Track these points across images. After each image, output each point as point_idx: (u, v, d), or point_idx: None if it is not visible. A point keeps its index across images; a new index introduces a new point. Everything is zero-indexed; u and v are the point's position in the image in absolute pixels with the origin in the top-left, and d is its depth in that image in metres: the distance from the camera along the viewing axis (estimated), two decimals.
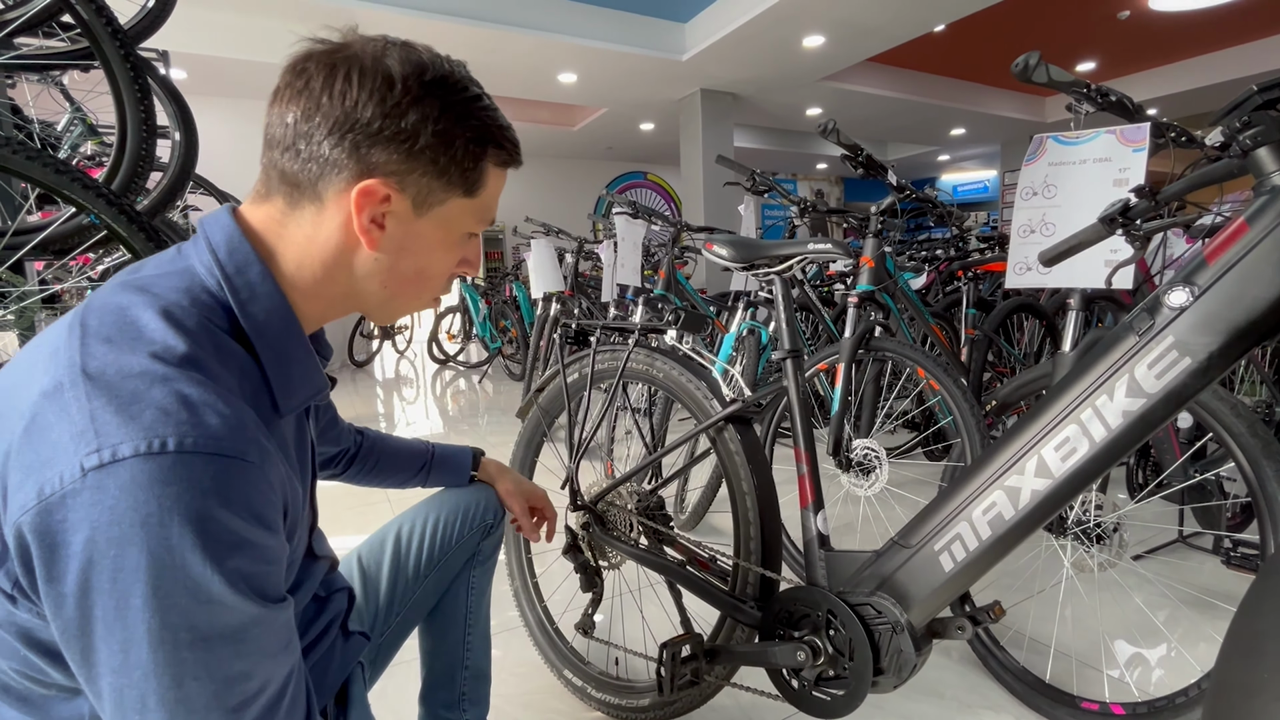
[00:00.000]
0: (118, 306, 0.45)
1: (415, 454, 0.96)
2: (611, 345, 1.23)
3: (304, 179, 0.51)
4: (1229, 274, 0.65)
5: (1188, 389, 0.67)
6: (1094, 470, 0.72)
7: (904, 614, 0.83)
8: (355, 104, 0.49)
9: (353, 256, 0.53)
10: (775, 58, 5.60)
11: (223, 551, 0.39)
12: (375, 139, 0.50)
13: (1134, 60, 7.10)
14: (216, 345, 0.46)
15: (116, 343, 0.42)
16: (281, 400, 0.50)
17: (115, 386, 0.40)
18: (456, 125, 0.52)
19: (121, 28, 1.17)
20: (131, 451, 0.38)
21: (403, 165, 0.51)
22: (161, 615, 0.38)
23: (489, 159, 0.55)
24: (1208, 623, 1.42)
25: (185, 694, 0.39)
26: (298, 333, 0.52)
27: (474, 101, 0.54)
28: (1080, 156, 1.15)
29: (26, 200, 1.29)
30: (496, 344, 5.29)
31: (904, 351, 1.52)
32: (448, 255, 0.58)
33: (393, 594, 0.87)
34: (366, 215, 0.51)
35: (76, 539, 0.37)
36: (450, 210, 0.55)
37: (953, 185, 12.97)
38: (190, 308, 0.46)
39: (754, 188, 2.16)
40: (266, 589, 0.42)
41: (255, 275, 0.50)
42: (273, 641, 0.43)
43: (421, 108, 0.50)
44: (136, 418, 0.39)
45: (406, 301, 0.59)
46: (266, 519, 0.42)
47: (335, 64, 0.50)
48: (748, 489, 1.01)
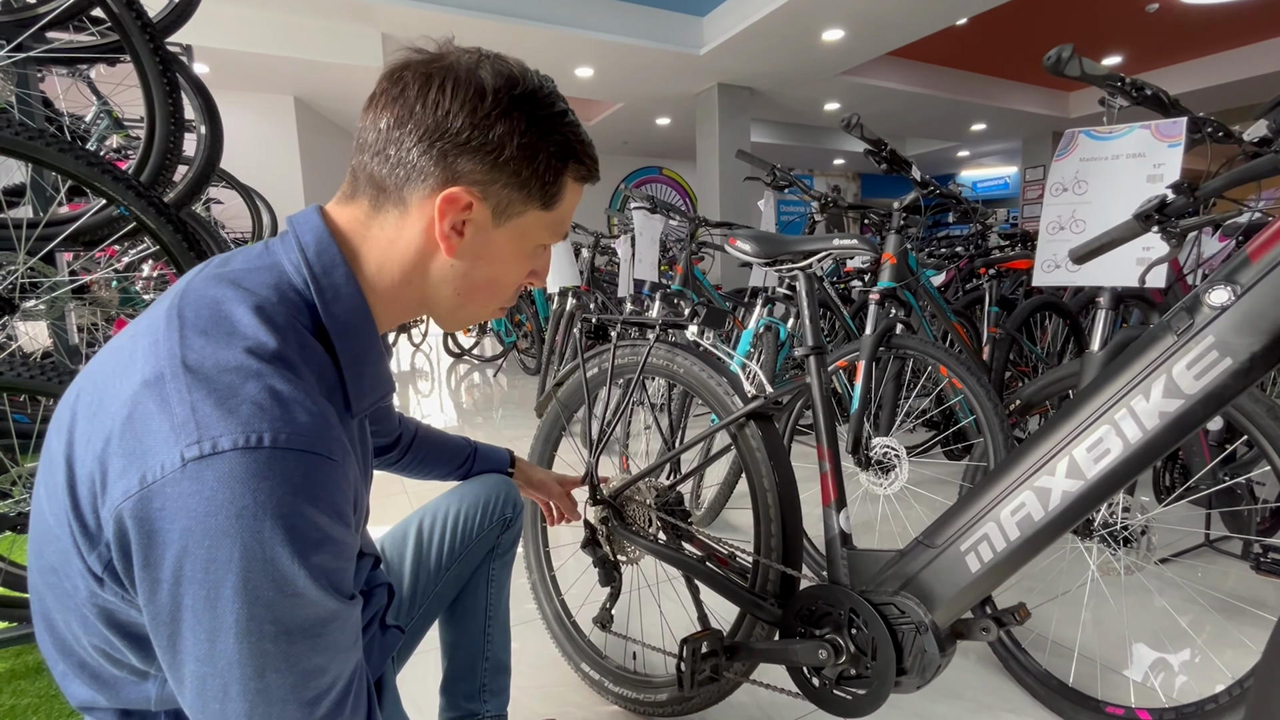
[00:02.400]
0: (212, 299, 0.46)
1: (459, 450, 1.00)
2: (632, 340, 1.23)
3: (391, 183, 0.52)
4: (1274, 272, 0.63)
5: (1228, 390, 0.65)
6: (1127, 473, 0.71)
7: (928, 614, 0.82)
8: (447, 114, 0.50)
9: (430, 262, 0.54)
10: (794, 52, 5.55)
11: (309, 547, 0.40)
12: (463, 148, 0.51)
13: (1162, 54, 6.95)
14: (301, 343, 0.47)
15: (213, 336, 0.43)
16: (354, 401, 0.52)
17: (213, 379, 0.41)
18: (541, 139, 0.53)
19: (151, 21, 1.19)
20: (230, 445, 0.39)
21: (487, 175, 0.52)
22: (249, 607, 0.39)
23: (569, 174, 0.57)
24: (1235, 628, 1.39)
25: (265, 685, 0.40)
26: (374, 335, 0.53)
27: (560, 117, 0.55)
28: (1113, 152, 1.13)
29: (58, 192, 1.31)
30: (511, 338, 5.31)
31: (926, 349, 1.50)
32: (520, 265, 0.59)
33: (415, 586, 0.88)
34: (448, 222, 0.52)
35: (174, 527, 0.38)
36: (527, 221, 0.56)
37: (972, 181, 12.80)
38: (279, 305, 0.48)
39: (774, 183, 2.14)
40: (343, 585, 0.44)
41: (340, 276, 0.51)
42: (346, 637, 0.44)
43: (509, 120, 0.51)
44: (235, 411, 0.40)
45: (477, 309, 0.60)
46: (346, 516, 0.44)
47: (431, 74, 0.51)
48: (769, 486, 1.01)
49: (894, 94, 7.10)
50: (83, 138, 2.17)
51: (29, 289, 1.26)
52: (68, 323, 1.39)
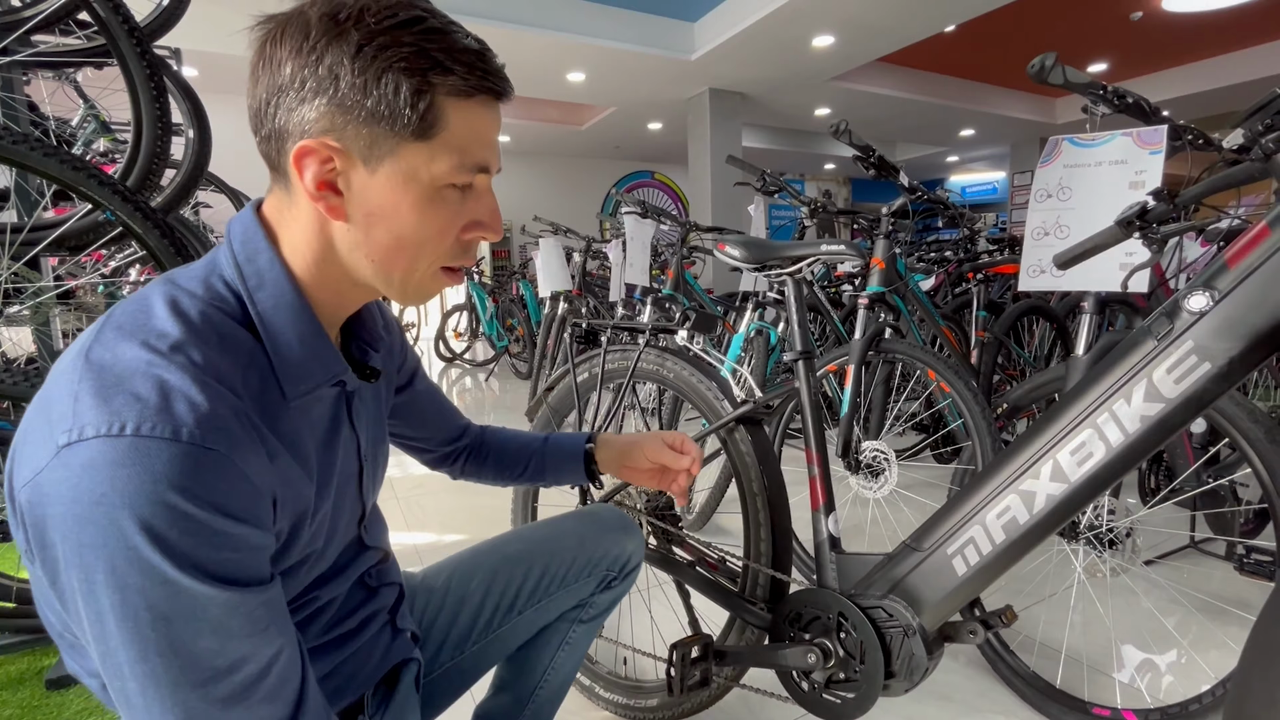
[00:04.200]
0: (142, 296, 0.47)
1: (526, 445, 0.88)
2: (622, 345, 1.23)
3: (272, 159, 0.50)
4: (1251, 278, 0.64)
5: (1207, 394, 0.66)
6: (1110, 475, 0.72)
7: (916, 617, 0.82)
8: (280, 64, 0.46)
9: (330, 232, 0.50)
10: (784, 57, 5.59)
11: (174, 536, 0.39)
12: (301, 95, 0.46)
13: (1146, 62, 7.05)
14: (221, 333, 0.46)
15: (125, 330, 0.43)
16: (287, 387, 0.50)
17: (104, 371, 0.41)
18: (379, 57, 0.45)
19: (138, 25, 1.18)
20: (94, 433, 0.39)
21: (334, 117, 0.46)
22: (120, 593, 0.39)
23: (439, 90, 0.47)
24: (1220, 629, 1.41)
25: (151, 668, 0.40)
26: (307, 318, 0.51)
27: (406, 26, 0.46)
28: (1096, 159, 1.15)
29: (43, 197, 1.30)
30: (503, 342, 5.30)
31: (914, 354, 1.51)
32: (424, 215, 0.50)
33: (477, 617, 0.80)
34: (310, 179, 0.47)
35: (52, 513, 0.39)
36: (405, 160, 0.48)
37: (961, 186, 12.91)
38: (200, 296, 0.47)
39: (764, 188, 2.16)
40: (230, 574, 0.42)
41: (264, 262, 0.50)
42: (244, 623, 0.43)
43: (337, 48, 0.45)
44: (108, 401, 0.40)
45: (406, 274, 0.53)
46: (229, 507, 0.42)
47: (270, 33, 0.47)
48: (758, 490, 1.01)
49: (884, 99, 7.16)
50: (69, 142, 2.15)
51: (13, 294, 1.25)
52: (52, 328, 1.37)
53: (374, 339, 0.64)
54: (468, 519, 2.16)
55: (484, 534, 2.08)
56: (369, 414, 0.64)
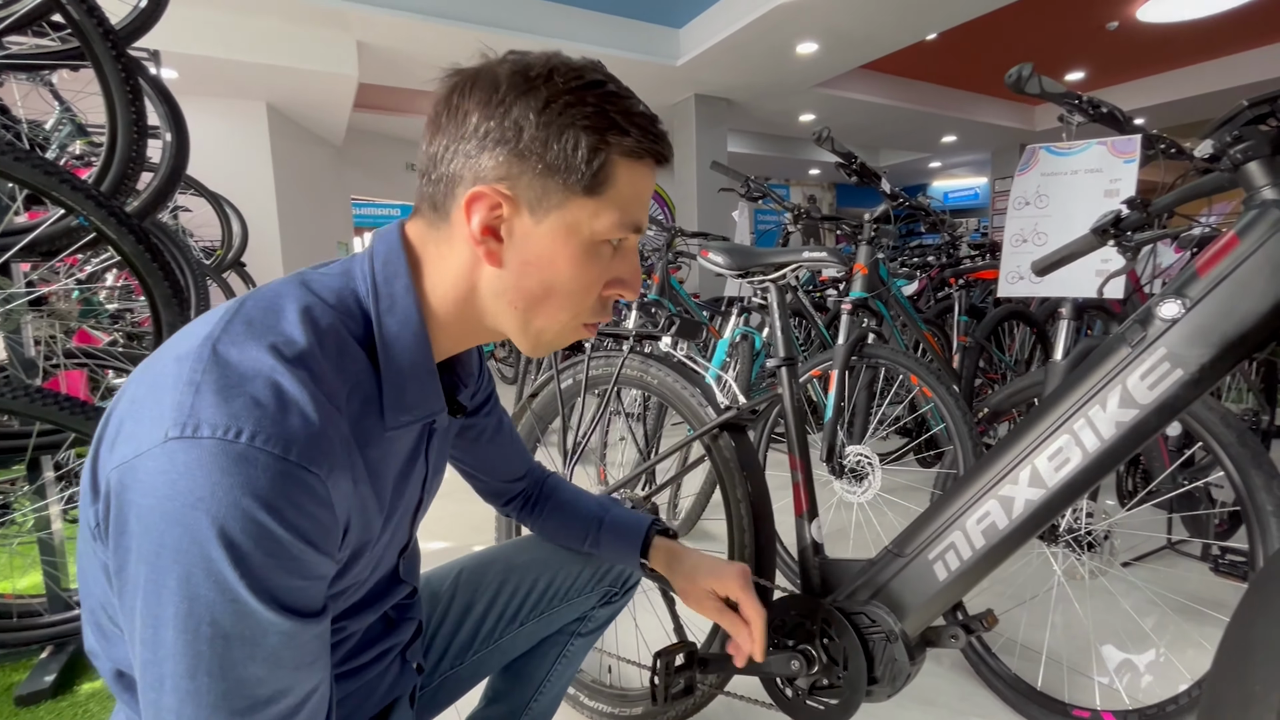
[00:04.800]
0: (274, 294, 0.47)
1: (584, 523, 0.84)
2: (606, 351, 1.23)
3: (437, 200, 0.51)
4: (1220, 286, 0.66)
5: (1180, 400, 0.68)
6: (1087, 480, 0.73)
7: (898, 623, 0.83)
8: (466, 115, 0.49)
9: (479, 275, 0.52)
10: (769, 64, 5.63)
11: (256, 556, 0.39)
12: (483, 144, 0.48)
13: (1123, 70, 7.19)
14: (340, 348, 0.47)
15: (254, 327, 0.43)
16: (389, 414, 0.50)
17: (228, 368, 0.41)
18: (564, 114, 0.48)
19: (112, 28, 1.16)
20: (209, 433, 0.38)
21: (511, 167, 0.48)
22: (189, 603, 0.38)
23: (614, 149, 0.49)
24: (1196, 629, 1.43)
25: (197, 686, 0.39)
26: (424, 351, 0.51)
27: (589, 88, 0.48)
28: (1072, 167, 1.16)
29: (14, 201, 1.27)
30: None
31: (897, 359, 1.52)
32: (579, 267, 0.52)
33: (477, 630, 0.80)
34: (477, 222, 0.49)
35: (142, 503, 0.38)
36: (571, 213, 0.50)
37: (944, 192, 13.07)
38: (331, 307, 0.48)
39: (748, 194, 2.17)
40: (295, 602, 0.41)
41: (400, 287, 0.51)
42: (295, 655, 0.42)
43: (524, 103, 0.47)
44: (229, 401, 0.39)
45: (546, 324, 0.54)
46: (311, 535, 0.41)
47: (456, 85, 0.50)
48: (742, 496, 1.01)
49: (867, 106, 7.24)
50: (42, 145, 2.11)
51: None
52: (24, 335, 1.34)
53: (468, 376, 0.65)
54: (453, 524, 2.14)
55: (471, 540, 2.07)
56: (440, 446, 0.64)
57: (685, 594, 0.80)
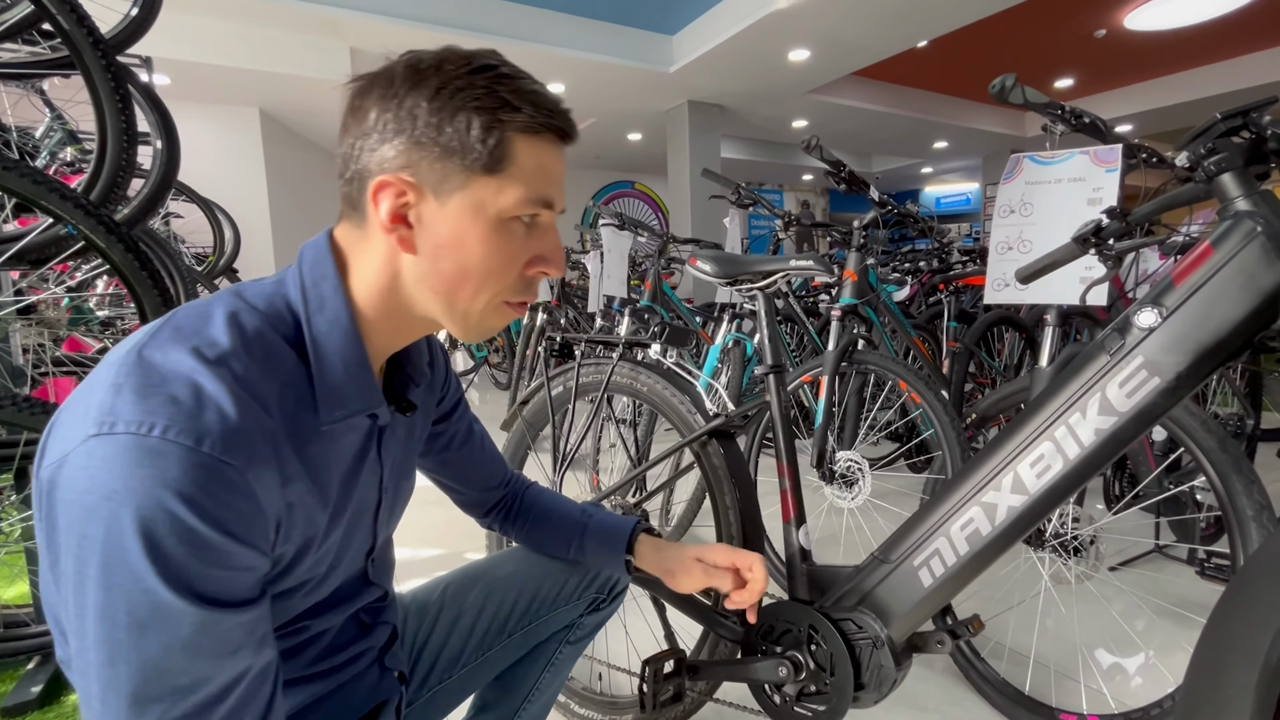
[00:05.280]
0: (206, 303, 0.49)
1: (568, 530, 0.84)
2: (596, 359, 1.23)
3: (353, 198, 0.53)
4: (1196, 296, 0.67)
5: (1157, 407, 0.69)
6: (1069, 486, 0.74)
7: (884, 629, 0.83)
8: (366, 112, 0.51)
9: (399, 265, 0.53)
10: (761, 71, 5.67)
11: (169, 545, 0.40)
12: (383, 136, 0.50)
13: (1110, 77, 7.27)
14: (269, 350, 0.48)
15: (181, 333, 0.45)
16: (323, 410, 0.51)
17: (150, 370, 0.42)
18: (454, 98, 0.49)
19: (102, 37, 1.16)
20: (124, 429, 0.40)
21: (410, 154, 0.50)
22: (106, 592, 0.40)
23: (508, 126, 0.50)
24: (1183, 633, 1.44)
25: (115, 674, 0.40)
26: (356, 347, 0.53)
27: (479, 72, 0.50)
28: (1055, 176, 1.18)
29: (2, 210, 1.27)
30: (482, 353, 5.27)
31: (886, 365, 1.53)
32: (490, 247, 0.53)
33: (465, 642, 0.80)
34: (385, 211, 0.51)
35: (64, 499, 0.40)
36: (474, 193, 0.51)
37: (936, 197, 13.16)
38: (259, 312, 0.49)
39: (739, 201, 2.18)
40: (214, 592, 0.42)
41: (328, 288, 0.52)
42: (214, 643, 0.42)
43: (417, 92, 0.49)
44: (146, 400, 0.41)
45: (470, 305, 0.54)
46: (229, 526, 0.42)
47: (359, 88, 0.52)
48: (730, 503, 1.02)
49: (859, 112, 7.29)
50: (32, 152, 2.10)
51: None
52: (12, 344, 1.34)
53: (417, 373, 0.65)
54: (444, 532, 2.14)
55: (460, 547, 2.06)
56: (399, 446, 0.64)
57: (673, 574, 0.81)
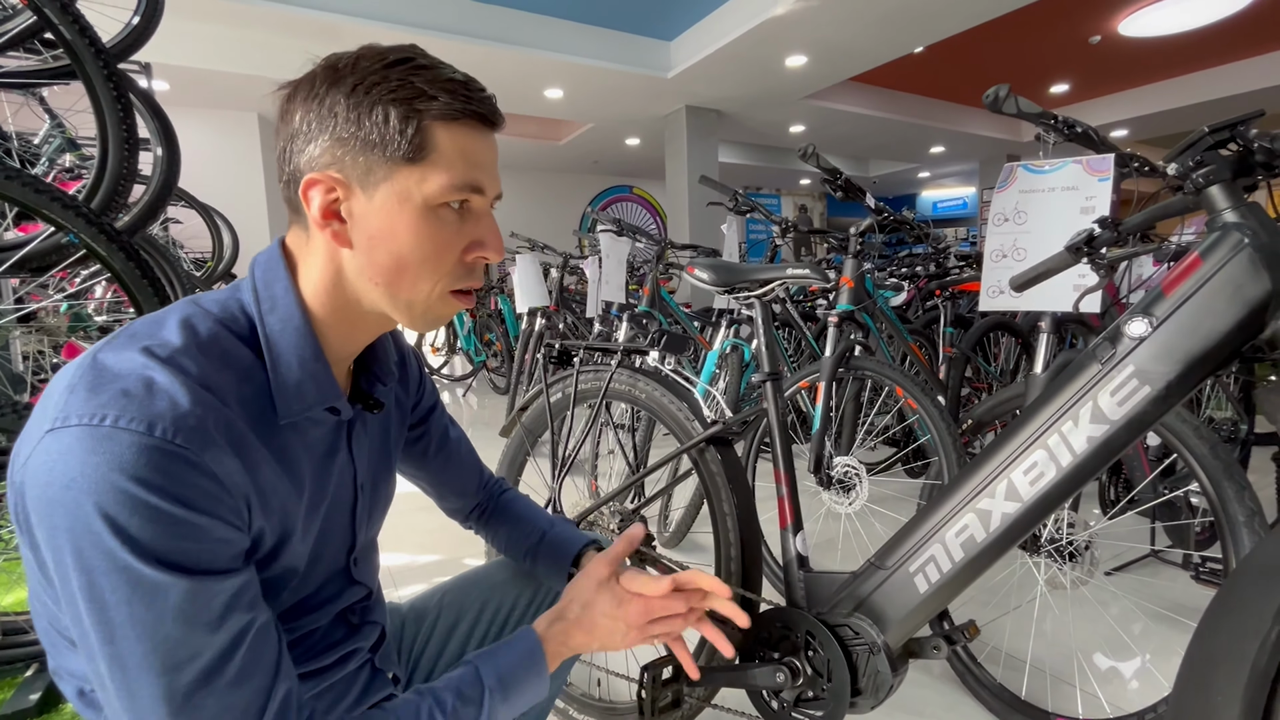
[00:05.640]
0: (162, 312, 0.51)
1: (526, 537, 0.85)
2: (595, 366, 1.24)
3: (292, 200, 0.55)
4: (1185, 306, 0.68)
5: (1148, 416, 0.70)
6: (1062, 493, 0.75)
7: (880, 635, 0.84)
8: (292, 115, 0.53)
9: (340, 261, 0.54)
10: (759, 76, 5.70)
11: (134, 524, 0.41)
12: (309, 137, 0.52)
13: (1106, 83, 7.31)
14: (223, 348, 0.50)
15: (136, 337, 0.47)
16: (280, 406, 0.52)
17: (103, 370, 0.44)
18: (371, 92, 0.50)
19: (104, 46, 1.17)
20: (76, 421, 0.41)
21: (335, 151, 0.51)
22: (86, 575, 0.41)
23: (425, 115, 0.51)
24: (1179, 637, 1.45)
25: (119, 652, 0.42)
26: (310, 345, 0.54)
27: (395, 65, 0.51)
28: (1049, 185, 1.19)
29: (4, 218, 1.28)
30: (481, 358, 5.27)
31: (883, 371, 1.54)
32: (420, 235, 0.53)
33: (463, 647, 0.81)
34: (316, 208, 0.52)
35: (31, 495, 0.42)
36: (399, 183, 0.52)
37: (933, 202, 13.20)
38: (214, 315, 0.51)
39: (736, 208, 2.19)
40: (191, 562, 0.44)
41: (280, 289, 0.54)
42: (202, 610, 0.44)
43: (336, 90, 0.51)
44: (98, 395, 0.42)
45: (412, 295, 0.55)
46: (194, 502, 0.44)
47: (286, 94, 0.54)
48: (728, 510, 1.03)
49: (856, 118, 7.33)
50: (32, 159, 2.11)
51: None
52: (12, 351, 1.34)
53: (384, 372, 0.66)
54: (441, 538, 2.14)
55: (459, 553, 2.07)
56: (372, 446, 0.66)
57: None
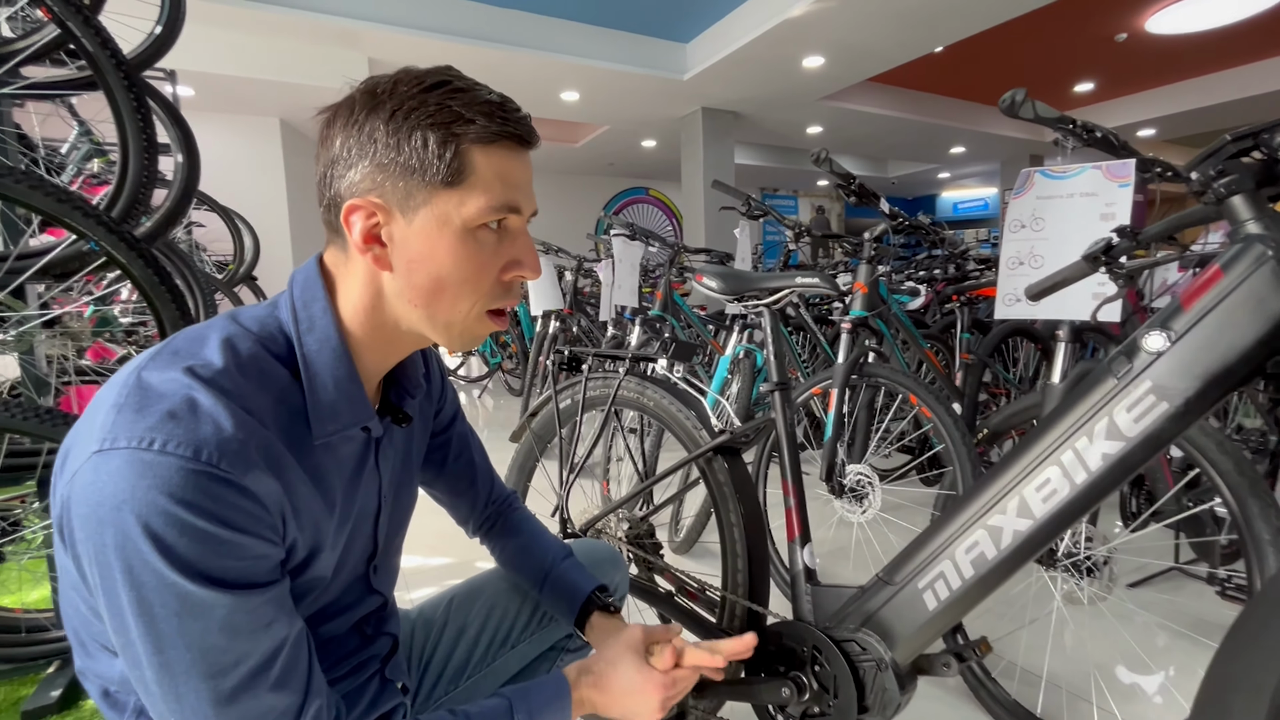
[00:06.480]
0: (204, 327, 0.52)
1: (533, 572, 0.83)
2: (604, 373, 1.24)
3: (333, 223, 0.55)
4: (1205, 320, 0.66)
5: (1166, 433, 0.68)
6: (1075, 511, 0.73)
7: (888, 651, 0.83)
8: (333, 141, 0.53)
9: (380, 284, 0.55)
10: (775, 78, 5.67)
11: (181, 545, 0.43)
12: (349, 162, 0.52)
13: (1132, 81, 7.16)
14: (261, 368, 0.51)
15: (179, 355, 0.48)
16: (315, 425, 0.53)
17: (148, 389, 0.45)
18: (410, 117, 0.51)
19: (125, 58, 1.19)
20: (125, 444, 0.43)
21: (375, 177, 0.52)
22: (136, 590, 0.43)
23: (463, 139, 0.52)
24: (1202, 655, 1.41)
25: (167, 660, 0.44)
26: (345, 365, 0.55)
27: (431, 90, 0.51)
28: (1067, 190, 1.17)
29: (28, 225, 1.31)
30: (496, 359, 5.30)
31: (897, 378, 1.52)
32: (460, 257, 0.54)
33: (470, 653, 0.82)
34: (358, 233, 0.53)
35: (80, 514, 0.43)
36: (439, 206, 0.53)
37: (953, 202, 13.03)
38: (253, 334, 0.52)
39: (750, 213, 2.18)
40: (235, 578, 0.46)
41: (318, 310, 0.55)
42: (249, 620, 0.46)
43: (375, 116, 0.51)
44: (145, 417, 0.44)
45: (451, 316, 0.56)
46: (236, 523, 0.45)
47: (326, 119, 0.55)
48: (736, 521, 1.02)
49: (874, 118, 7.25)
50: (59, 167, 2.16)
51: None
52: (37, 355, 1.37)
53: (413, 386, 0.67)
54: (453, 542, 2.15)
55: (470, 555, 2.07)
56: (397, 456, 0.67)
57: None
